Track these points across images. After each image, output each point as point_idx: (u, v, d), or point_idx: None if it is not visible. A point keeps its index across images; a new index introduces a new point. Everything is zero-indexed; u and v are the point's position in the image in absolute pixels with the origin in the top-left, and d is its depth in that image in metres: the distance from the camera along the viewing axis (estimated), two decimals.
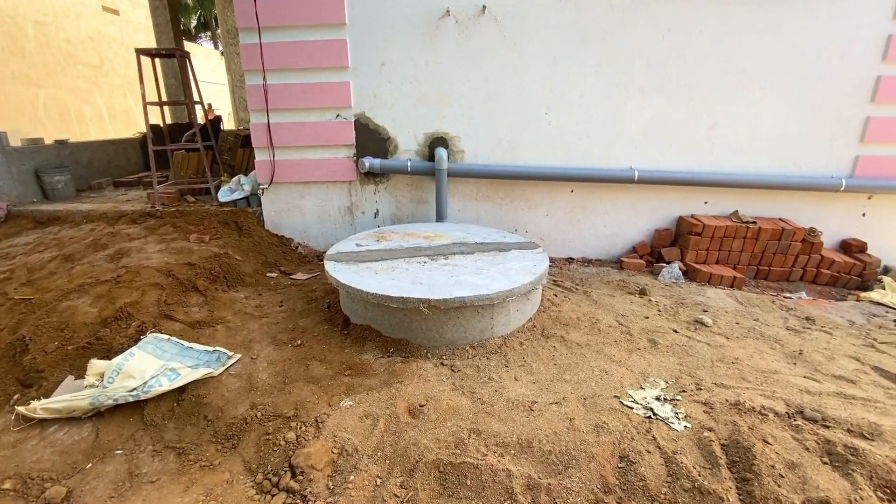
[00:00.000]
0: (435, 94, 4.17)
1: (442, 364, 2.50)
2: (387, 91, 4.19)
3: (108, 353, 2.55)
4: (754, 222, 4.10)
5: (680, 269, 4.03)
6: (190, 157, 5.68)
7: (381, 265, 2.96)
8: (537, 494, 1.70)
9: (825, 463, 1.87)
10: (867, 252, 4.24)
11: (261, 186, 4.44)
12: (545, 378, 2.41)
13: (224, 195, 4.81)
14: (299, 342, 2.73)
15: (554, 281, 3.82)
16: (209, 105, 11.49)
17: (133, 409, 2.24)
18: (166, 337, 2.60)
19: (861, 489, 1.74)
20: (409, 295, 2.49)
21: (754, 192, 4.26)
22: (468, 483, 1.74)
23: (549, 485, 1.73)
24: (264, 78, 4.10)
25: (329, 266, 2.93)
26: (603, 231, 4.52)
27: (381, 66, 4.12)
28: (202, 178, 5.40)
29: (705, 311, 3.32)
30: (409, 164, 4.28)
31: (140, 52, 4.68)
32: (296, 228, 4.60)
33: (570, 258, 4.58)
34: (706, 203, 4.34)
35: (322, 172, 4.40)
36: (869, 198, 4.23)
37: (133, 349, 2.47)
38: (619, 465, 1.83)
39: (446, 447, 1.89)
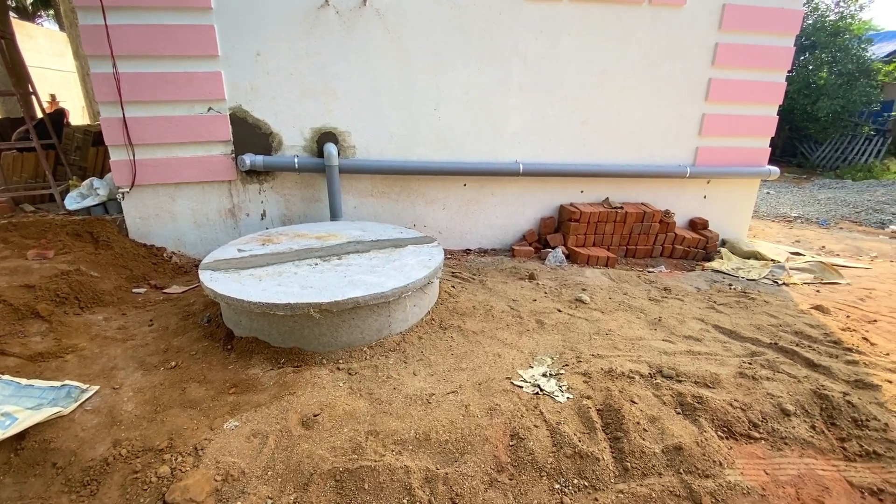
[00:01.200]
0: (320, 88, 3.99)
1: (338, 369, 2.42)
2: (265, 83, 3.90)
3: None
4: (622, 207, 4.60)
5: (563, 253, 4.39)
6: (25, 157, 4.77)
7: (265, 271, 2.77)
8: (435, 486, 1.73)
9: (678, 413, 2.17)
10: (709, 228, 5.01)
11: (120, 190, 3.88)
12: (443, 369, 2.46)
13: (73, 202, 4.11)
14: (174, 364, 2.45)
15: (452, 272, 3.91)
16: (51, 96, 9.79)
17: None
18: None
19: (706, 431, 2.06)
20: (298, 301, 2.36)
21: (621, 181, 4.78)
22: (366, 487, 1.71)
23: (447, 474, 1.77)
24: (114, 65, 3.57)
25: (205, 276, 2.66)
26: (496, 222, 4.74)
27: (257, 55, 3.82)
28: (43, 183, 4.57)
29: (584, 289, 3.66)
30: (296, 160, 4.05)
31: None
32: (168, 236, 4.11)
33: (468, 249, 4.74)
34: (582, 192, 4.78)
35: (196, 172, 3.97)
36: (708, 182, 4.99)
37: None
38: (511, 444, 1.94)
39: (342, 454, 1.83)
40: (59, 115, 5.49)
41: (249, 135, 3.99)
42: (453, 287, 3.49)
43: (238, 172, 4.06)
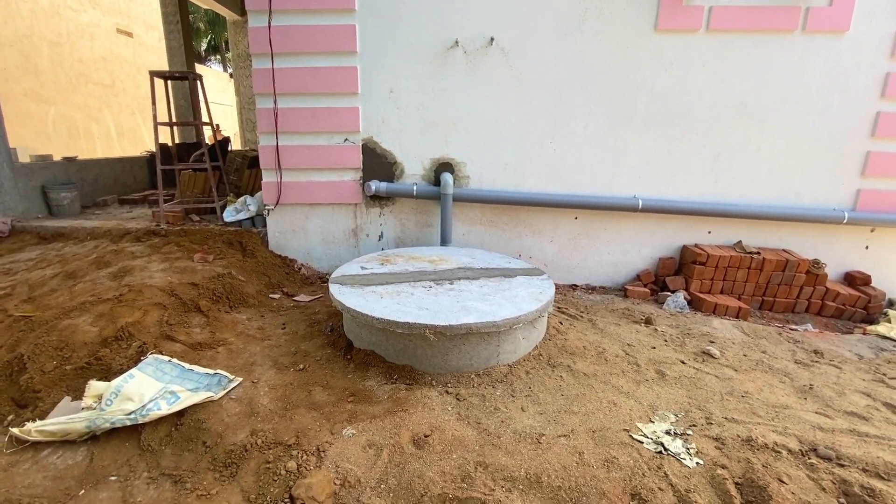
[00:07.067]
0: (442, 121, 4.24)
1: (447, 392, 2.45)
2: (395, 117, 4.26)
3: (108, 374, 2.51)
4: (758, 253, 4.10)
5: (685, 298, 4.02)
6: (196, 176, 5.73)
7: (385, 289, 2.95)
8: None
9: None
10: (871, 285, 4.24)
11: (266, 207, 4.46)
12: (552, 409, 2.36)
13: (229, 215, 4.82)
14: (301, 366, 2.69)
15: (559, 308, 3.79)
16: (217, 125, 11.64)
17: (129, 434, 2.18)
18: (167, 358, 2.56)
19: None
20: (416, 321, 2.46)
21: (757, 223, 4.28)
22: None
23: None
24: (275, 101, 4.17)
25: (334, 289, 2.91)
26: (607, 258, 4.52)
27: (391, 92, 4.20)
28: (208, 198, 5.43)
29: (712, 341, 3.29)
30: (414, 187, 4.31)
31: (154, 74, 4.78)
32: (299, 250, 4.60)
33: (574, 285, 4.57)
34: (709, 233, 4.36)
35: (328, 195, 4.43)
36: (872, 230, 4.25)
37: (133, 370, 2.43)
38: (631, 503, 1.77)
39: (452, 480, 1.83)
40: (224, 143, 6.54)
41: (376, 163, 4.36)
42: (560, 323, 3.37)
43: (363, 196, 4.44)
